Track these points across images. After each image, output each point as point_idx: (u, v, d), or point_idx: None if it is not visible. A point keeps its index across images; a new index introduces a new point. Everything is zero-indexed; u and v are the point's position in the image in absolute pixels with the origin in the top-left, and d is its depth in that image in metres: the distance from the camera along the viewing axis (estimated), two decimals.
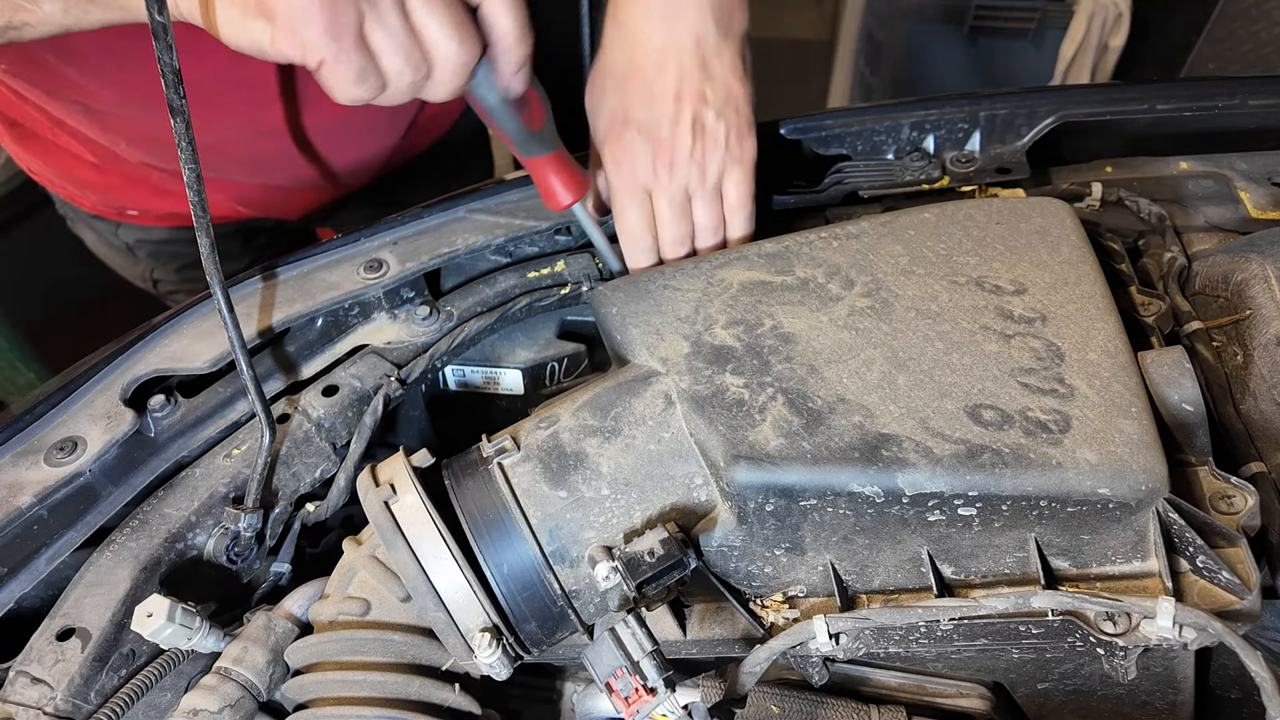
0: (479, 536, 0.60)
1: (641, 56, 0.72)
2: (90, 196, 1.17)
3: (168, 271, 1.30)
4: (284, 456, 0.72)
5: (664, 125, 0.73)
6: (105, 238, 1.25)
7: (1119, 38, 2.29)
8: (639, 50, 0.72)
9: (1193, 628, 0.53)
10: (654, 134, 0.74)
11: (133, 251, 1.26)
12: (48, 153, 1.10)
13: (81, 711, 0.60)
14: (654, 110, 0.73)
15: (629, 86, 0.73)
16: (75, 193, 1.18)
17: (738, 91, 0.74)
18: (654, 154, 0.74)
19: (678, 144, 0.74)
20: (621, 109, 0.74)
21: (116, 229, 1.23)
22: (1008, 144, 0.94)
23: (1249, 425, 0.68)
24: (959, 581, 0.60)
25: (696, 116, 0.73)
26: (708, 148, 0.74)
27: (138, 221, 1.21)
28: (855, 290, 0.68)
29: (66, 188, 1.18)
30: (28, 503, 0.64)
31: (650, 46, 0.72)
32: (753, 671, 0.60)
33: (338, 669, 0.62)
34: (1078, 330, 0.63)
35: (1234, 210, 0.88)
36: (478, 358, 0.85)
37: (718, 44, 0.72)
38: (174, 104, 0.58)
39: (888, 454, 0.56)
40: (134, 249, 1.26)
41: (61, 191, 1.20)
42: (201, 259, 0.64)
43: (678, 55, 0.71)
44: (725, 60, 0.73)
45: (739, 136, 0.75)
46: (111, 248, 1.27)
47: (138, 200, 1.16)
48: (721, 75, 0.73)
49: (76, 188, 1.17)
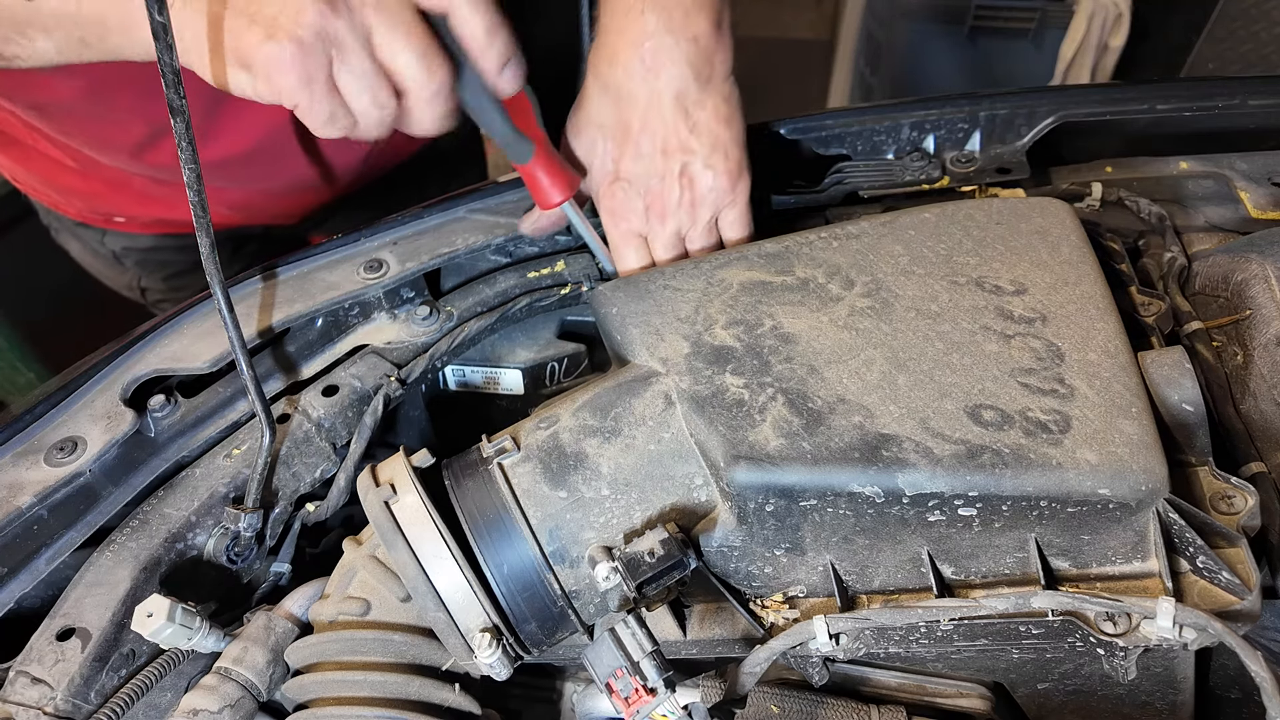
0: (479, 537, 0.60)
1: (627, 113, 0.74)
2: (75, 203, 1.16)
3: (155, 280, 1.29)
4: (284, 456, 0.72)
5: (653, 179, 0.76)
6: (91, 246, 1.24)
7: (1119, 38, 2.29)
8: (623, 107, 0.74)
9: (1193, 628, 0.53)
10: (644, 187, 0.76)
11: (119, 260, 1.25)
12: (29, 159, 1.09)
13: (81, 711, 0.60)
14: (642, 165, 0.75)
15: (616, 142, 0.75)
16: (60, 200, 1.17)
17: (724, 136, 0.76)
18: (646, 206, 0.77)
19: (667, 196, 0.76)
20: (612, 164, 0.76)
21: (103, 237, 1.21)
22: (1008, 144, 0.94)
23: (1249, 425, 0.68)
24: (959, 582, 0.60)
25: (684, 168, 0.76)
26: (697, 197, 0.77)
27: (124, 229, 1.20)
28: (855, 290, 0.68)
29: (51, 195, 1.16)
30: (28, 503, 0.64)
31: (634, 104, 0.74)
32: (753, 672, 0.60)
33: (338, 669, 0.62)
34: (1078, 330, 0.63)
35: (1234, 210, 0.88)
36: (478, 358, 0.85)
37: (699, 95, 0.74)
38: (174, 104, 0.58)
39: (888, 454, 0.56)
40: (121, 257, 1.24)
41: (46, 200, 1.18)
42: (202, 259, 0.64)
43: (660, 111, 0.74)
44: (708, 108, 0.75)
45: (730, 180, 0.77)
46: (98, 256, 1.26)
47: (123, 206, 1.15)
48: (706, 124, 0.75)
49: (61, 195, 1.15)
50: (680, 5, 0.72)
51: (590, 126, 0.76)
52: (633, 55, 0.72)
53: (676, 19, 0.72)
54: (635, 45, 0.72)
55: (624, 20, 0.72)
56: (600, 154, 0.76)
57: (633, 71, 0.73)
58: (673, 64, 0.72)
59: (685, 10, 0.72)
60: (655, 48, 0.72)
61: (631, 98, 0.74)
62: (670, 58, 0.72)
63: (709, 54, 0.73)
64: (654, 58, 0.72)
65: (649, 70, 0.72)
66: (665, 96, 0.73)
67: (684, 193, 0.76)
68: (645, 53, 0.72)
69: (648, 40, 0.72)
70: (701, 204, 0.77)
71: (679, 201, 0.76)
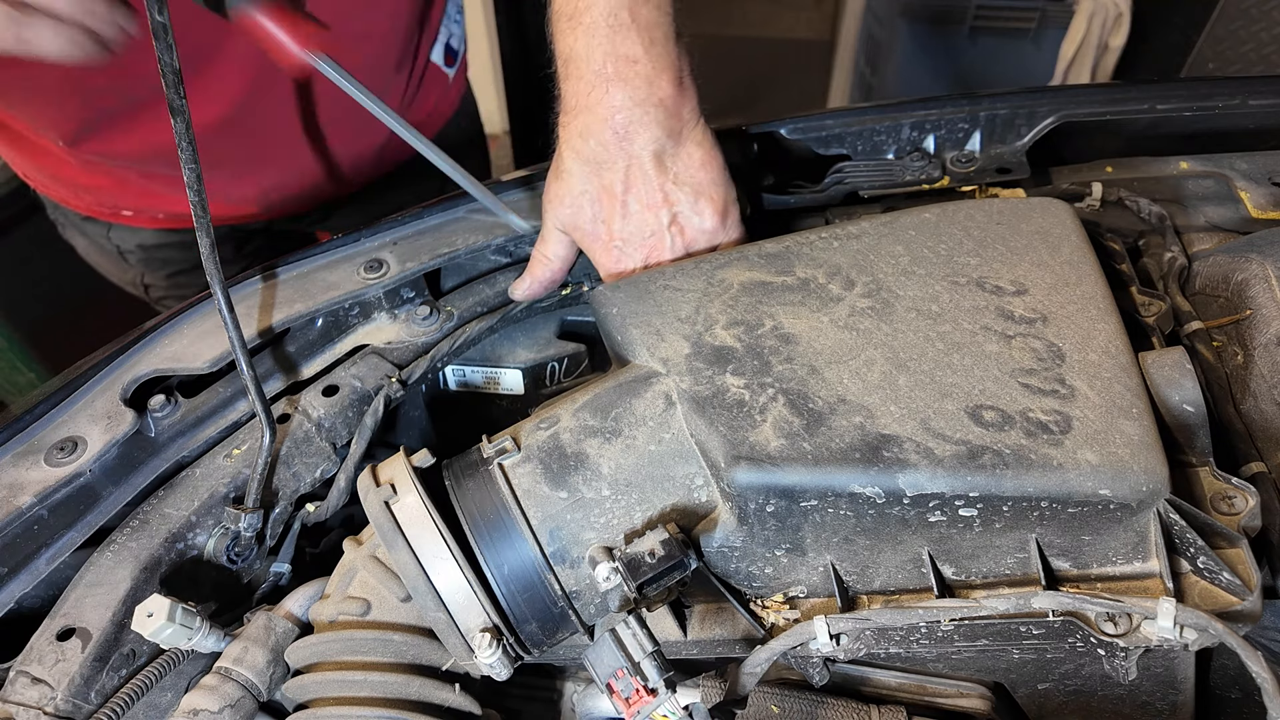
0: (479, 537, 0.60)
1: (609, 178, 0.76)
2: (84, 198, 1.17)
3: (158, 277, 1.30)
4: (284, 456, 0.72)
5: (646, 235, 0.78)
6: (96, 242, 1.25)
7: (1119, 38, 2.30)
8: (604, 174, 0.76)
9: (1194, 628, 0.53)
10: (639, 243, 0.78)
11: (124, 257, 1.26)
12: (35, 153, 1.10)
13: (82, 711, 0.60)
14: (632, 224, 0.77)
15: (604, 205, 0.77)
16: (68, 195, 1.17)
17: (704, 180, 0.78)
18: (644, 258, 0.79)
19: (661, 245, 0.78)
20: (604, 228, 0.78)
21: (108, 231, 1.22)
22: (1008, 144, 0.94)
23: (1249, 425, 0.68)
24: (960, 582, 0.60)
25: (673, 219, 0.78)
26: (690, 241, 0.79)
27: (132, 223, 1.20)
28: (856, 291, 0.67)
29: (59, 190, 1.17)
30: (28, 503, 0.64)
31: (614, 169, 0.76)
32: (753, 672, 0.60)
33: (338, 669, 0.62)
34: (1079, 331, 0.63)
35: (1234, 210, 0.88)
36: (478, 358, 0.85)
37: (675, 148, 0.77)
38: (174, 104, 0.58)
39: (889, 455, 0.56)
40: (125, 254, 1.25)
41: (55, 194, 1.19)
42: (202, 259, 0.64)
43: (641, 171, 0.76)
44: (685, 157, 0.77)
45: (719, 218, 0.79)
46: (103, 253, 1.26)
47: (130, 200, 1.16)
48: (686, 173, 0.77)
49: (69, 190, 1.16)
50: (642, 76, 0.73)
51: (573, 195, 0.78)
52: (604, 128, 0.74)
53: (641, 90, 0.73)
54: (605, 120, 0.74)
55: (588, 98, 0.74)
56: (589, 219, 0.78)
57: (607, 143, 0.75)
58: (645, 129, 0.74)
59: (648, 79, 0.74)
60: (626, 120, 0.74)
61: (611, 165, 0.76)
62: (642, 125, 0.74)
63: (676, 110, 0.75)
64: (626, 128, 0.74)
65: (624, 140, 0.75)
66: (644, 158, 0.75)
67: (676, 240, 0.78)
68: (616, 124, 0.74)
69: (617, 114, 0.74)
70: (695, 246, 0.79)
71: (673, 248, 0.78)
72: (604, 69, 0.73)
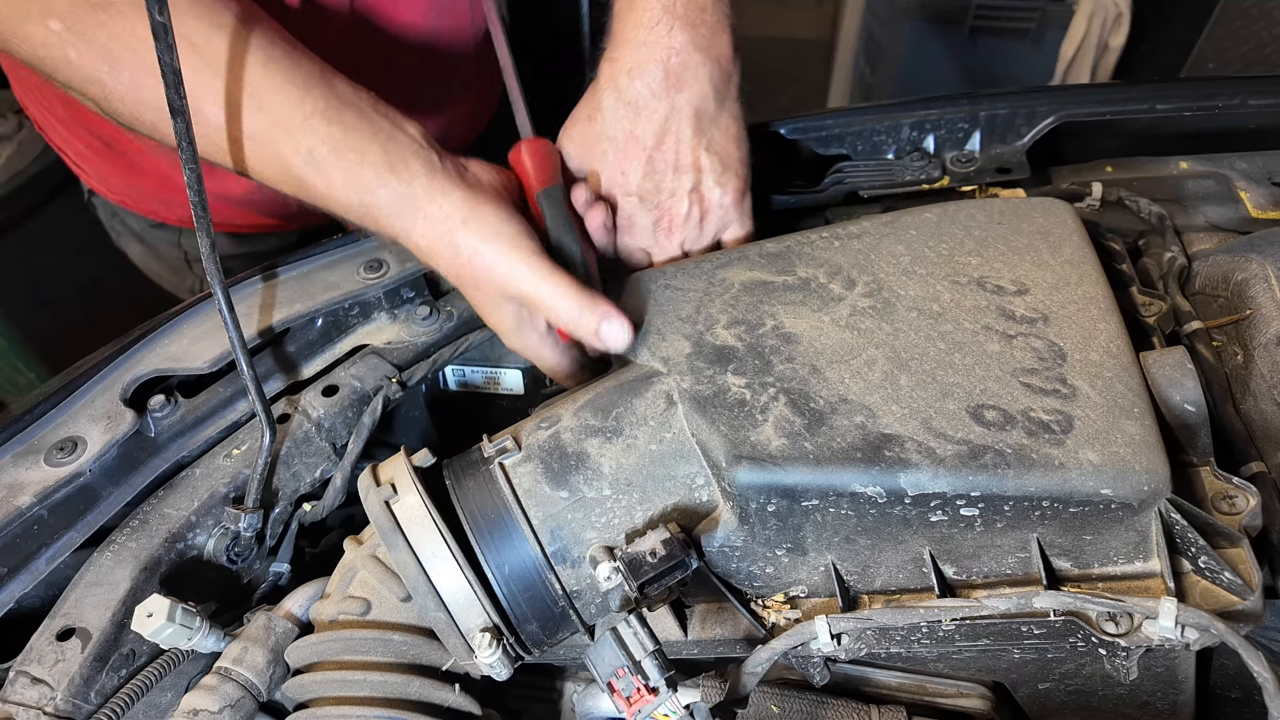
0: (480, 537, 0.60)
1: (643, 129, 0.73)
2: (177, 211, 1.14)
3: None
4: (284, 456, 0.72)
5: (663, 195, 0.75)
6: (157, 249, 1.22)
7: (1119, 38, 2.29)
8: (640, 122, 0.73)
9: (1195, 628, 0.53)
10: (653, 202, 0.76)
11: (189, 264, 1.23)
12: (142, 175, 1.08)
13: (81, 711, 0.60)
14: (654, 181, 0.75)
15: (628, 156, 0.75)
16: (159, 208, 1.15)
17: (734, 155, 0.76)
18: (654, 221, 0.76)
19: (675, 212, 0.76)
20: (621, 177, 0.75)
21: (179, 237, 1.19)
22: (1008, 144, 0.94)
23: (1249, 425, 0.68)
24: (961, 582, 0.60)
25: (695, 186, 0.75)
26: (706, 214, 0.77)
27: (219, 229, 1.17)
28: (857, 290, 0.67)
29: (150, 204, 1.14)
30: (28, 503, 0.64)
31: (651, 118, 0.73)
32: (754, 672, 0.60)
33: (338, 669, 0.61)
34: (1080, 330, 0.63)
35: (1234, 210, 0.88)
36: (478, 358, 0.85)
37: (716, 112, 0.74)
38: (174, 104, 0.58)
39: (890, 454, 0.56)
40: (191, 262, 1.22)
41: (146, 210, 1.16)
42: (202, 259, 0.64)
43: (677, 128, 0.73)
44: (722, 126, 0.75)
45: (737, 198, 0.77)
46: (161, 260, 1.23)
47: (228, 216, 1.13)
48: (720, 143, 0.75)
49: (163, 205, 1.14)
50: (707, 24, 0.71)
51: (601, 139, 0.75)
52: (657, 69, 0.71)
53: (704, 37, 0.71)
54: (660, 60, 0.71)
55: (647, 34, 0.71)
56: (610, 166, 0.75)
57: (655, 85, 0.72)
58: (697, 81, 0.72)
59: (712, 30, 0.71)
60: (682, 64, 0.71)
61: (650, 112, 0.73)
62: (695, 75, 0.72)
63: (728, 75, 0.73)
64: (679, 73, 0.71)
65: (673, 85, 0.72)
66: (685, 112, 0.73)
67: (693, 209, 0.76)
68: (671, 68, 0.71)
69: (674, 56, 0.71)
70: (709, 221, 0.77)
71: (687, 217, 0.76)
72: (674, 5, 0.70)
